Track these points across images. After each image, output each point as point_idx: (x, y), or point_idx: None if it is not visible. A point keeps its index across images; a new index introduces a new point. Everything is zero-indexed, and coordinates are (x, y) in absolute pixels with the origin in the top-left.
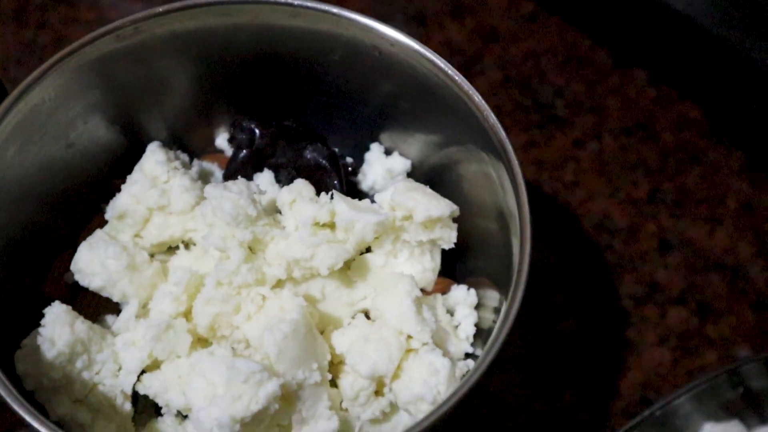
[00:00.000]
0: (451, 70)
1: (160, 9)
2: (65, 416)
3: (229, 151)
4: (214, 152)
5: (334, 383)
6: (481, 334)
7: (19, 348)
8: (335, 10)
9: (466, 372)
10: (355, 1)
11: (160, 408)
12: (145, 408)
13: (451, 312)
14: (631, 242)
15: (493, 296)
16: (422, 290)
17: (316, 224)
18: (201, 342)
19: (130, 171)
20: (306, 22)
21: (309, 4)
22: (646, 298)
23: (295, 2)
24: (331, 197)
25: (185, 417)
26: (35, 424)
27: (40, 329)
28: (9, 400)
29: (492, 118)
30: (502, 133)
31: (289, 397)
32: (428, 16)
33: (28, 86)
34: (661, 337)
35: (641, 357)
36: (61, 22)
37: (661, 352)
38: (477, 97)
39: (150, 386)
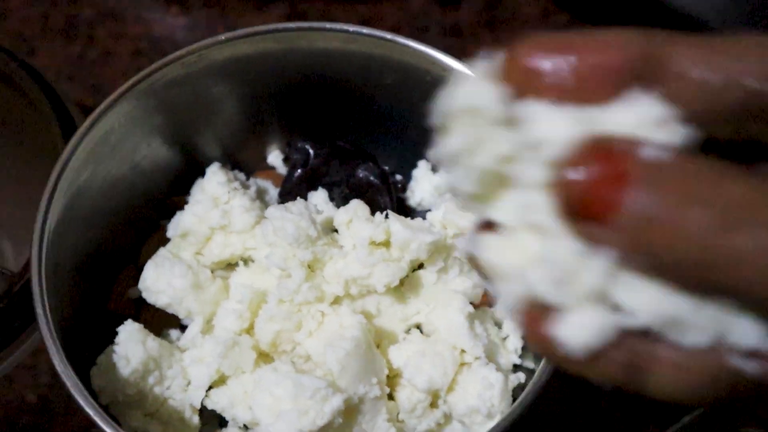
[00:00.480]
0: None
1: (223, 37)
2: (138, 429)
3: (281, 168)
4: (266, 168)
5: (391, 396)
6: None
7: (94, 365)
8: (390, 36)
9: (518, 384)
10: (391, 14)
11: (225, 420)
12: (209, 419)
13: (498, 325)
14: None
15: None
16: (471, 304)
17: (372, 243)
18: (263, 357)
19: (186, 188)
20: (361, 47)
21: (365, 30)
22: None
23: (351, 29)
24: (386, 216)
25: (248, 429)
26: None
27: (115, 347)
28: (91, 413)
29: None
30: None
31: (350, 411)
32: (463, 28)
33: (101, 114)
34: None
35: None
36: (109, 36)
37: None
38: None
39: (218, 401)
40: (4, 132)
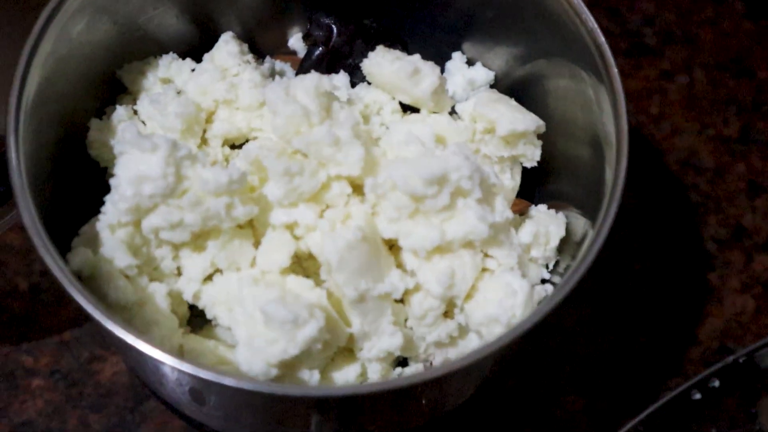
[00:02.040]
0: None
1: None
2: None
3: (302, 52)
4: (287, 53)
5: (401, 299)
6: (558, 262)
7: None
8: None
9: (544, 297)
10: None
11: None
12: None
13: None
14: (718, 182)
15: (575, 222)
16: None
17: None
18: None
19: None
20: None
21: None
22: (731, 242)
23: None
24: None
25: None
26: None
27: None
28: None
29: (592, 22)
30: (602, 38)
31: (342, 316)
32: None
33: None
34: (744, 283)
35: (722, 303)
36: None
37: (743, 299)
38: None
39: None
40: None
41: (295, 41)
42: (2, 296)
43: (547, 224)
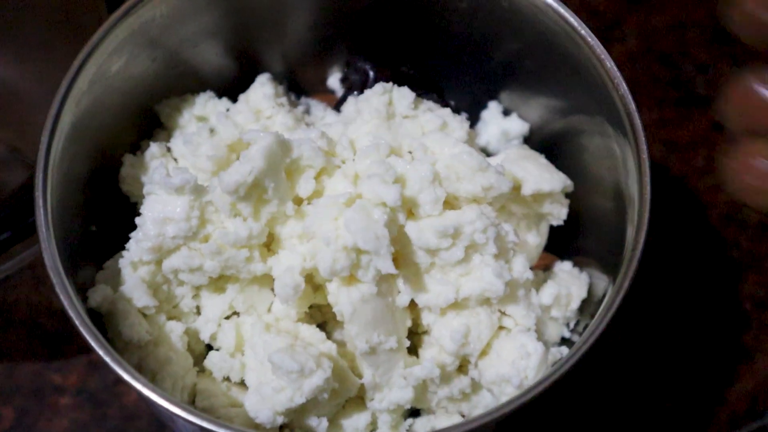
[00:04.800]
0: (584, 30)
1: None
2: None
3: (339, 92)
4: (326, 92)
5: (415, 352)
6: (579, 321)
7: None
8: None
9: (558, 360)
10: None
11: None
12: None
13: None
14: (761, 240)
15: (598, 281)
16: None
17: None
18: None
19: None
20: None
21: None
22: None
23: None
24: None
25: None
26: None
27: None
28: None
29: (623, 87)
30: (632, 105)
31: (354, 367)
32: None
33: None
34: None
35: (755, 365)
36: None
37: None
38: (609, 63)
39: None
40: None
41: (334, 81)
42: (37, 313)
43: (569, 285)
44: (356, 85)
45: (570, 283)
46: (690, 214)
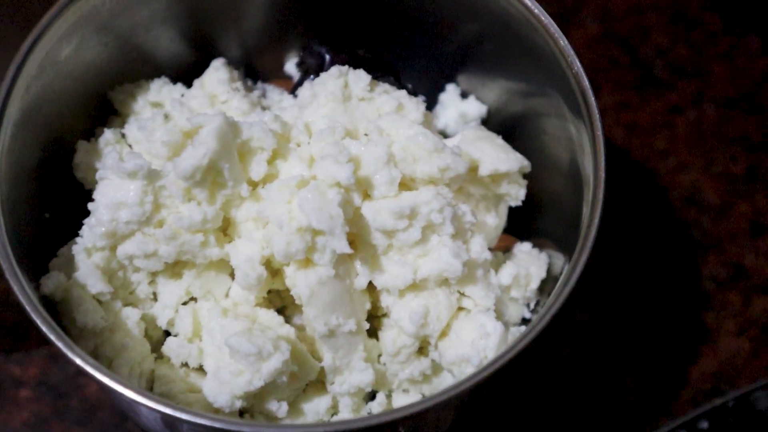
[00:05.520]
0: (537, 9)
1: None
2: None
3: (296, 78)
4: (283, 78)
5: (375, 335)
6: (539, 301)
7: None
8: None
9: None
10: None
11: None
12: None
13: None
14: (721, 221)
15: (557, 261)
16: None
17: None
18: None
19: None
20: None
21: None
22: (730, 282)
23: None
24: None
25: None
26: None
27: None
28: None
29: (576, 65)
30: (586, 83)
31: (313, 351)
32: None
33: None
34: (741, 326)
35: (717, 345)
36: None
37: (739, 342)
38: (563, 41)
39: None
40: None
41: (291, 66)
42: None
43: (528, 265)
44: (312, 68)
45: (529, 263)
46: (651, 196)
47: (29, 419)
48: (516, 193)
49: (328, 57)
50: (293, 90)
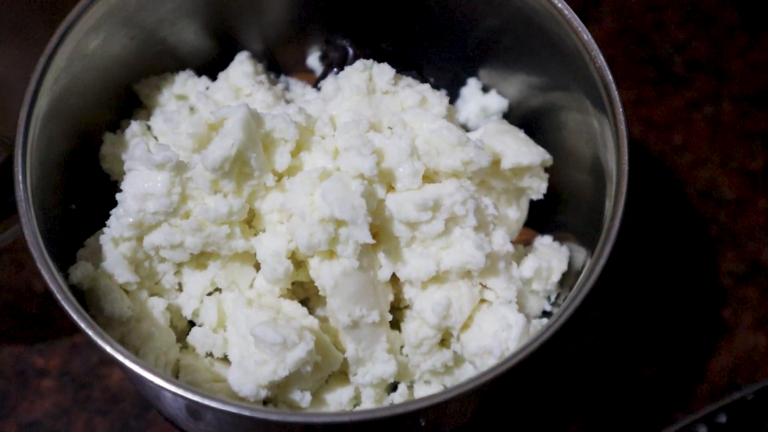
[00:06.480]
0: (561, 3)
1: None
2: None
3: (320, 71)
4: (305, 71)
5: (397, 326)
6: (560, 294)
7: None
8: None
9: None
10: None
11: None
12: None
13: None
14: (738, 216)
15: (578, 254)
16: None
17: None
18: None
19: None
20: None
21: None
22: (748, 277)
23: None
24: None
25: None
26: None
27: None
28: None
29: (600, 59)
30: (609, 77)
31: (337, 342)
32: None
33: None
34: (759, 320)
35: (734, 340)
36: None
37: (756, 336)
38: (586, 35)
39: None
40: None
41: (314, 60)
42: (18, 297)
43: (549, 258)
44: (335, 62)
45: (550, 256)
46: (668, 191)
47: (51, 409)
48: (538, 187)
49: (351, 51)
50: (316, 83)
